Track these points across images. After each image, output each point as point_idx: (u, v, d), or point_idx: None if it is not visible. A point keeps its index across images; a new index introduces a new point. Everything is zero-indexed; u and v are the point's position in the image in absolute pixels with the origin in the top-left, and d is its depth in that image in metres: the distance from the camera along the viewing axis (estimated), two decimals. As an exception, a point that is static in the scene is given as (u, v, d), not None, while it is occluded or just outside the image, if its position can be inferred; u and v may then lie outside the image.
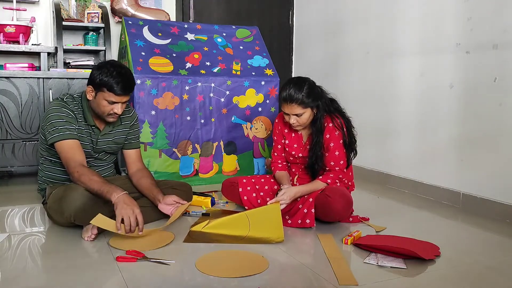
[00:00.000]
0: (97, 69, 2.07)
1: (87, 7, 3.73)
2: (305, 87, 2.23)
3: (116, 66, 2.09)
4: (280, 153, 2.49)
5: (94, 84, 2.07)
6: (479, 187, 2.60)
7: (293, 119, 2.26)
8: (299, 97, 2.20)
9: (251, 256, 1.84)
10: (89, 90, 2.10)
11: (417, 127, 3.03)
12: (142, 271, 1.68)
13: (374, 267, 1.77)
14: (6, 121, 3.09)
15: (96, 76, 2.05)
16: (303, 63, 4.43)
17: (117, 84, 2.04)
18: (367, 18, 3.50)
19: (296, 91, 2.21)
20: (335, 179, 2.28)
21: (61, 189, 2.09)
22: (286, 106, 2.24)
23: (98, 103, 2.09)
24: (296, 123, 2.27)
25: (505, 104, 2.45)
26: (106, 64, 2.10)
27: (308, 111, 2.25)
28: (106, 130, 2.24)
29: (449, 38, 2.77)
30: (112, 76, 2.03)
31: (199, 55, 3.27)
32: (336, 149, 2.27)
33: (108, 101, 2.07)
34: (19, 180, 3.34)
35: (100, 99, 2.08)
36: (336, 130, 2.27)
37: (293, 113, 2.24)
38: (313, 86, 2.28)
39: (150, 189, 2.23)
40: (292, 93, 2.21)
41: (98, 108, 2.12)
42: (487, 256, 1.92)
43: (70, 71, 3.31)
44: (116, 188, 1.92)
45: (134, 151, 2.38)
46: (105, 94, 2.06)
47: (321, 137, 2.28)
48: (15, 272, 1.66)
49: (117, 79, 2.04)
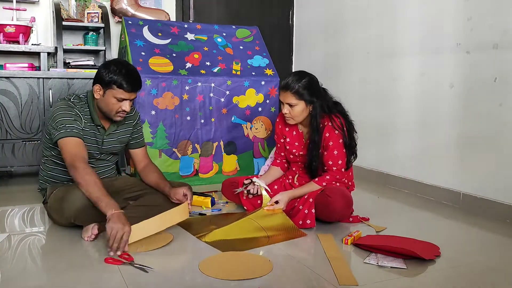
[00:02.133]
0: (105, 67, 2.09)
1: (87, 7, 3.73)
2: (304, 79, 2.24)
3: (124, 64, 2.12)
4: (280, 151, 2.53)
5: (103, 83, 2.08)
6: (479, 187, 2.60)
7: (286, 108, 2.27)
8: (295, 86, 2.22)
9: (256, 258, 1.83)
10: (96, 89, 2.11)
11: (417, 127, 3.03)
12: (142, 271, 1.68)
13: (374, 267, 1.77)
14: (6, 121, 3.09)
15: (105, 74, 2.07)
16: (303, 63, 4.43)
17: (126, 81, 2.06)
18: (367, 18, 3.50)
19: (294, 80, 2.23)
20: (331, 181, 2.27)
21: (62, 189, 2.09)
22: (281, 93, 2.27)
23: (107, 101, 2.10)
24: (288, 113, 2.27)
25: (505, 104, 2.45)
26: (113, 62, 2.13)
27: (301, 104, 2.24)
28: (111, 129, 2.24)
29: (449, 38, 2.77)
30: (121, 73, 2.06)
31: (199, 55, 3.27)
32: (335, 148, 2.26)
33: (117, 98, 2.08)
34: (19, 180, 3.34)
35: (109, 97, 2.09)
36: (335, 130, 2.26)
37: (286, 101, 2.25)
38: (314, 83, 2.28)
39: (157, 183, 2.29)
40: (289, 81, 2.24)
41: (106, 107, 2.12)
42: (487, 256, 1.92)
43: (70, 71, 3.30)
44: (115, 205, 1.89)
45: (141, 150, 2.41)
46: (114, 92, 2.07)
47: (318, 136, 2.27)
48: (15, 272, 1.66)
49: (126, 76, 2.07)
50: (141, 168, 2.38)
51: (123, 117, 2.18)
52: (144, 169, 2.37)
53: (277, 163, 2.54)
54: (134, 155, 2.40)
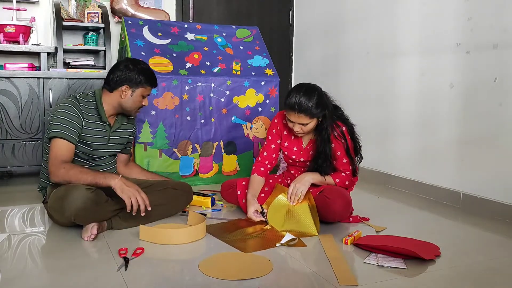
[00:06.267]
0: (128, 69, 2.19)
1: (87, 7, 3.73)
2: (314, 97, 2.14)
3: (141, 63, 2.26)
4: (270, 154, 2.41)
5: (132, 83, 2.19)
6: (479, 187, 2.60)
7: (298, 127, 2.21)
8: (308, 107, 2.12)
9: (256, 258, 1.82)
10: (125, 89, 2.19)
11: (417, 127, 3.03)
12: (142, 271, 1.68)
13: (374, 267, 1.76)
14: (6, 121, 3.09)
15: (133, 75, 2.18)
16: (303, 63, 4.43)
17: (152, 78, 2.25)
18: (367, 18, 3.50)
19: (306, 101, 2.12)
20: (345, 180, 2.31)
21: (62, 188, 2.09)
22: (293, 114, 2.16)
23: (135, 99, 2.22)
24: (300, 131, 2.22)
25: (505, 104, 2.45)
26: (131, 62, 2.23)
27: (314, 120, 2.20)
28: (115, 126, 2.30)
29: (449, 38, 2.77)
30: (147, 72, 2.23)
31: (199, 55, 3.27)
32: (343, 157, 2.28)
33: (144, 95, 2.25)
34: (19, 180, 3.34)
35: (138, 95, 2.22)
36: (340, 139, 2.26)
37: (299, 122, 2.18)
38: (322, 96, 2.20)
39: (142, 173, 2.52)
40: (301, 102, 2.11)
41: (133, 105, 2.24)
42: (487, 256, 1.92)
43: (70, 71, 3.31)
44: (112, 174, 2.04)
45: (127, 155, 2.53)
46: (144, 90, 2.23)
47: (328, 147, 2.24)
48: (15, 272, 1.66)
49: (151, 74, 2.25)
50: (121, 168, 2.49)
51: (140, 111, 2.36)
52: (126, 167, 2.51)
53: (260, 172, 2.39)
54: (120, 159, 2.50)
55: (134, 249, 1.86)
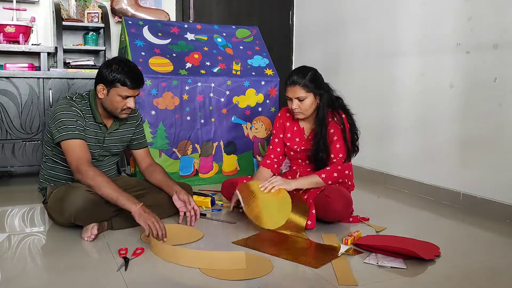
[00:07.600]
0: (106, 67, 2.11)
1: (87, 7, 3.73)
2: (309, 72, 2.30)
3: (125, 62, 2.15)
4: (275, 147, 2.49)
5: (106, 82, 2.10)
6: (479, 187, 2.60)
7: (295, 103, 2.29)
8: (302, 79, 2.26)
9: (256, 258, 1.82)
10: (100, 89, 2.12)
11: (417, 127, 3.03)
12: (142, 271, 1.68)
13: (374, 267, 1.77)
14: (6, 121, 3.09)
15: (108, 73, 2.09)
16: (303, 63, 4.38)
17: (129, 78, 2.09)
18: (367, 18, 3.50)
19: (301, 74, 2.28)
20: (332, 172, 2.26)
21: (62, 189, 2.09)
22: (289, 89, 2.29)
23: (112, 100, 2.12)
24: (298, 108, 2.29)
25: (505, 104, 2.45)
26: (114, 61, 2.15)
27: (310, 96, 2.27)
28: (113, 128, 2.25)
29: (449, 38, 2.77)
30: (123, 71, 2.08)
31: (199, 55, 3.27)
32: (338, 142, 2.30)
33: (122, 96, 2.11)
34: (19, 180, 3.34)
35: (114, 95, 2.11)
36: (339, 125, 2.30)
37: (295, 96, 2.27)
38: (319, 75, 2.34)
39: (164, 181, 2.31)
40: (296, 76, 2.28)
41: (111, 105, 2.14)
42: (487, 256, 1.92)
43: (70, 71, 3.31)
44: (134, 200, 1.97)
45: (143, 150, 2.44)
46: (118, 90, 2.10)
47: (324, 129, 2.30)
48: (15, 272, 1.66)
49: (129, 73, 2.09)
50: (144, 167, 2.40)
51: (128, 113, 2.20)
52: (147, 168, 2.39)
53: (267, 164, 2.49)
54: (137, 156, 2.42)
55: (134, 249, 1.86)
